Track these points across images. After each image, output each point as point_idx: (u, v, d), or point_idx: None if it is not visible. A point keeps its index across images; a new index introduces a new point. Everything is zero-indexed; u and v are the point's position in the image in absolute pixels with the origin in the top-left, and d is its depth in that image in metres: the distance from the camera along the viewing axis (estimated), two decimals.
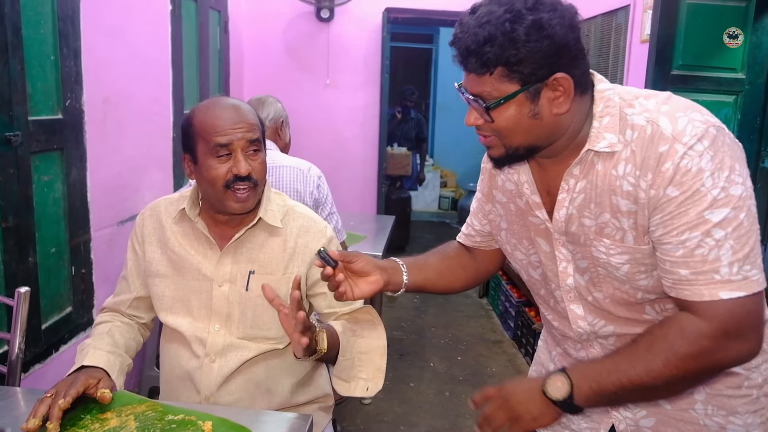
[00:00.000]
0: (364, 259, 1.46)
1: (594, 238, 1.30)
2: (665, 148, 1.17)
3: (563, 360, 1.59)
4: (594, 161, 1.27)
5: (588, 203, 1.29)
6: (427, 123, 9.24)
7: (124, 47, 3.01)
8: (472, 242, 1.69)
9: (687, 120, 1.18)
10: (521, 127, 1.23)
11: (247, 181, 1.62)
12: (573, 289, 1.41)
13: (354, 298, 1.44)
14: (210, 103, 1.66)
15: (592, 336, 1.43)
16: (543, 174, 1.38)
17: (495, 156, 1.33)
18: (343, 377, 1.67)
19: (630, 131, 1.22)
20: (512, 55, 1.15)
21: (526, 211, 1.44)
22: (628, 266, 1.28)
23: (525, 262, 1.52)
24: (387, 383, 3.89)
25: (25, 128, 2.24)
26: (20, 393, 1.60)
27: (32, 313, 2.33)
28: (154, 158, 3.45)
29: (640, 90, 1.30)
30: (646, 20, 3.70)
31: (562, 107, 1.21)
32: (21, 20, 2.18)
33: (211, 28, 4.31)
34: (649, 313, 1.35)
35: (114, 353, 1.62)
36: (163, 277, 1.75)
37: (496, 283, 5.35)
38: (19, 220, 2.24)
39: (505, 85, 1.19)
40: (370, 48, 5.57)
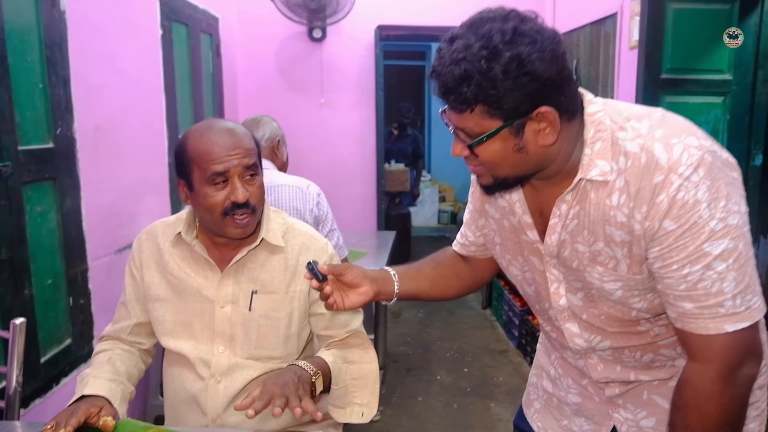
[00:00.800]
0: (354, 272, 1.45)
1: (588, 264, 1.29)
2: (660, 179, 1.13)
3: (562, 364, 1.60)
4: (587, 189, 1.23)
5: (581, 230, 1.27)
6: (423, 139, 9.25)
7: (115, 73, 2.99)
8: (467, 251, 1.68)
9: (682, 147, 1.14)
10: (507, 161, 1.20)
11: (246, 207, 1.59)
12: (566, 309, 1.41)
13: (344, 308, 1.44)
14: (204, 128, 1.62)
15: (589, 350, 1.44)
16: (536, 194, 1.35)
17: (484, 184, 1.30)
18: (338, 404, 1.68)
19: (623, 158, 1.18)
20: (491, 94, 1.10)
21: (518, 229, 1.42)
22: (621, 291, 1.28)
23: (520, 278, 1.51)
24: (395, 398, 3.96)
25: (15, 158, 2.21)
26: (20, 427, 1.58)
27: (30, 346, 2.29)
28: (149, 185, 3.42)
29: (631, 109, 1.26)
30: (633, 27, 3.75)
31: (549, 139, 1.17)
32: (7, 48, 2.16)
33: (203, 51, 4.30)
34: (644, 325, 1.35)
35: (115, 381, 1.60)
36: (164, 301, 1.72)
37: (498, 293, 5.37)
38: (12, 252, 2.20)
39: (487, 122, 1.15)
40: (364, 66, 5.57)
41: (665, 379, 1.42)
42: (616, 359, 1.42)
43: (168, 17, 3.62)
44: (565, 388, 1.59)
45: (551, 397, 1.65)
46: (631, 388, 1.46)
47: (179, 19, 3.82)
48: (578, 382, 1.55)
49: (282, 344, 1.71)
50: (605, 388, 1.48)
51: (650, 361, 1.40)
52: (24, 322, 1.79)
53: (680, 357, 1.38)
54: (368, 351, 1.77)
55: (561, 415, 1.62)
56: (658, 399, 1.44)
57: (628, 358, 1.41)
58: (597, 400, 1.52)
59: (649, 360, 1.40)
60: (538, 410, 1.70)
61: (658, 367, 1.41)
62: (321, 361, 1.62)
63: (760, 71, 3.57)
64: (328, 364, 1.62)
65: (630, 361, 1.41)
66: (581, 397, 1.56)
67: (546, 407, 1.67)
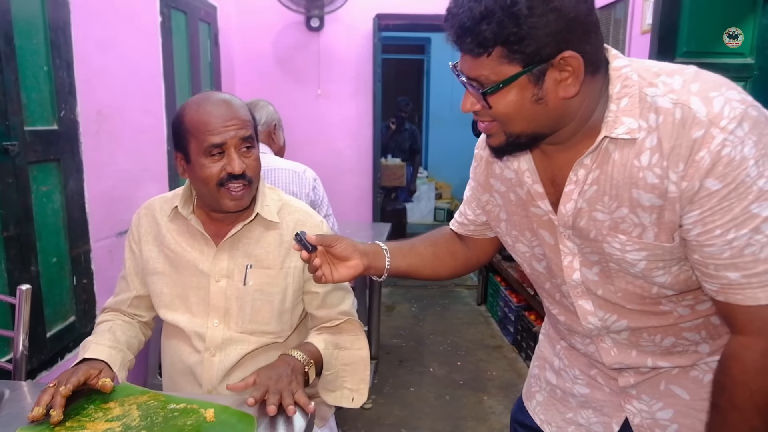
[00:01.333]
0: (344, 243, 1.40)
1: (607, 233, 1.18)
2: (700, 134, 1.03)
3: (568, 354, 1.52)
4: (610, 149, 1.13)
5: (601, 196, 1.16)
6: (421, 135, 9.25)
7: (116, 59, 3.02)
8: (465, 231, 1.61)
9: (723, 100, 1.03)
10: (523, 114, 1.10)
11: (242, 179, 1.61)
12: (580, 284, 1.31)
13: (333, 281, 1.40)
14: (200, 99, 1.64)
15: (603, 331, 1.34)
16: (547, 162, 1.25)
17: (494, 145, 1.19)
18: (329, 388, 1.72)
19: (654, 116, 1.08)
20: (512, 33, 1.00)
21: (527, 201, 1.32)
22: (645, 262, 1.17)
23: (528, 255, 1.41)
24: (387, 388, 4.00)
25: (22, 138, 2.24)
26: (25, 386, 1.62)
27: (37, 321, 2.35)
28: (149, 171, 3.46)
29: (661, 65, 1.15)
30: (647, 10, 3.55)
31: (570, 90, 1.07)
32: (13, 30, 2.19)
33: (201, 40, 4.32)
34: (666, 305, 1.25)
35: (115, 348, 1.63)
36: (161, 274, 1.75)
37: (494, 290, 5.36)
38: (20, 229, 2.24)
39: (505, 67, 1.05)
40: (362, 56, 5.57)
41: (686, 367, 1.32)
42: (632, 343, 1.32)
43: (167, 4, 3.64)
44: (572, 379, 1.51)
45: (555, 389, 1.57)
46: (648, 378, 1.36)
47: (178, 7, 3.84)
48: (586, 373, 1.47)
49: (276, 319, 1.74)
50: (618, 378, 1.39)
51: (671, 346, 1.30)
52: (29, 289, 1.85)
53: (704, 342, 1.29)
54: (359, 337, 1.79)
55: (565, 407, 1.55)
56: (677, 389, 1.34)
57: (647, 341, 1.31)
58: (607, 391, 1.44)
59: (670, 344, 1.30)
60: (540, 403, 1.62)
61: (679, 353, 1.31)
62: (313, 348, 1.65)
63: None
64: (320, 350, 1.65)
65: (648, 345, 1.31)
66: (589, 388, 1.47)
67: (549, 399, 1.60)
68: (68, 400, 1.39)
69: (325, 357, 1.65)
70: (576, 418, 1.52)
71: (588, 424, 1.49)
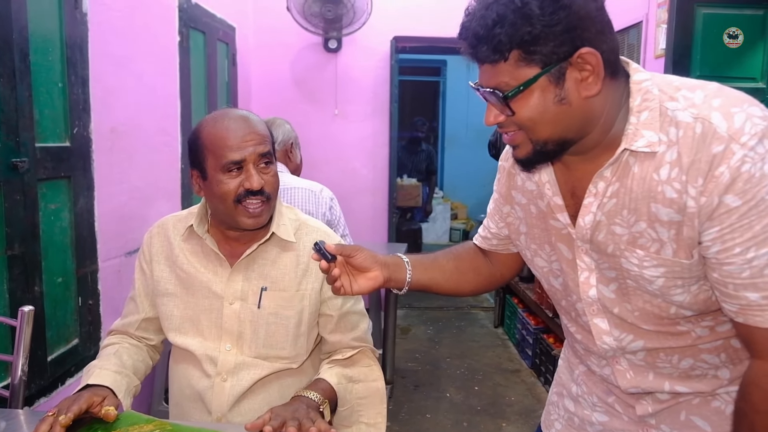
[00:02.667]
0: (364, 254, 1.36)
1: (625, 248, 1.17)
2: (720, 149, 1.01)
3: (587, 380, 1.47)
4: (630, 162, 1.12)
5: (620, 210, 1.15)
6: (437, 155, 9.24)
7: (132, 77, 3.01)
8: (489, 245, 1.57)
9: (745, 116, 1.02)
10: (548, 117, 1.09)
11: (260, 195, 1.57)
12: (596, 302, 1.28)
13: (352, 293, 1.36)
14: (218, 115, 1.61)
15: (618, 352, 1.30)
16: (567, 174, 1.24)
17: (521, 156, 1.17)
18: (345, 424, 1.65)
19: (674, 129, 1.07)
20: (527, 32, 1.01)
21: (547, 214, 1.31)
22: (663, 279, 1.15)
23: (546, 270, 1.39)
24: (403, 414, 3.91)
25: (32, 155, 2.21)
26: (23, 414, 1.55)
27: (38, 344, 2.29)
28: (162, 190, 3.43)
29: (683, 80, 1.14)
30: (660, 35, 3.62)
31: (592, 88, 1.06)
32: (29, 46, 2.17)
33: (219, 60, 4.32)
34: (684, 325, 1.22)
35: (121, 373, 1.57)
36: (172, 296, 1.69)
37: (511, 312, 5.28)
38: (25, 247, 2.20)
39: (524, 70, 1.05)
40: (379, 78, 5.57)
41: (707, 395, 1.29)
42: (649, 364, 1.29)
43: (186, 24, 3.64)
44: (590, 406, 1.47)
45: (572, 416, 1.53)
46: (667, 407, 1.32)
47: (197, 27, 3.84)
48: (604, 400, 1.43)
49: (291, 344, 1.68)
50: (636, 405, 1.35)
51: (689, 368, 1.27)
52: (32, 311, 1.78)
53: (724, 366, 1.26)
54: (373, 368, 1.72)
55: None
56: (698, 421, 1.29)
57: (663, 362, 1.27)
58: (626, 420, 1.40)
59: (688, 366, 1.26)
60: (559, 431, 1.58)
61: (698, 377, 1.27)
62: (325, 385, 1.58)
63: None
64: (333, 386, 1.58)
65: (665, 366, 1.28)
66: (608, 416, 1.43)
67: (567, 428, 1.55)
68: (69, 429, 1.32)
69: (339, 392, 1.59)
70: None
71: None
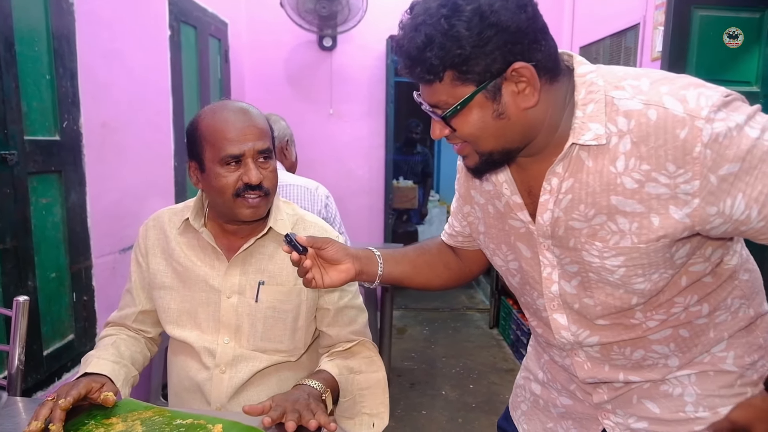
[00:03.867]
0: (335, 246, 1.38)
1: (585, 241, 1.19)
2: (685, 132, 1.02)
3: (551, 368, 1.53)
4: (582, 157, 1.14)
5: (576, 204, 1.17)
6: (433, 158, 9.22)
7: (123, 71, 2.96)
8: (455, 242, 1.60)
9: (696, 93, 1.04)
10: (489, 132, 1.11)
11: (258, 190, 1.55)
12: (557, 297, 1.31)
13: (323, 286, 1.36)
14: (217, 107, 1.59)
15: (576, 345, 1.35)
16: (523, 173, 1.26)
17: (471, 165, 1.21)
18: (347, 416, 1.63)
19: (623, 119, 1.08)
20: (457, 54, 1.03)
21: (505, 214, 1.33)
22: (624, 269, 1.18)
23: (504, 269, 1.44)
24: (399, 411, 3.89)
25: (21, 147, 2.17)
26: (20, 401, 1.54)
27: (33, 338, 2.27)
28: (155, 186, 3.38)
29: (626, 69, 1.17)
30: (656, 38, 3.65)
31: (530, 100, 1.08)
32: (14, 36, 2.13)
33: (211, 56, 4.28)
34: (638, 318, 1.27)
35: (119, 363, 1.55)
36: (169, 289, 1.68)
37: (506, 313, 5.29)
38: (17, 242, 2.16)
39: (459, 89, 1.07)
40: (374, 77, 5.52)
41: (656, 382, 1.35)
42: (604, 357, 1.34)
43: (177, 18, 3.60)
44: (556, 390, 1.53)
45: (538, 399, 1.59)
46: (621, 394, 1.38)
47: (188, 21, 3.80)
48: (567, 387, 1.49)
49: (289, 337, 1.67)
50: (593, 394, 1.41)
51: (641, 359, 1.32)
52: (27, 300, 1.77)
53: (673, 355, 1.31)
54: (374, 359, 1.71)
55: (547, 417, 1.57)
56: (648, 403, 1.36)
57: (617, 355, 1.33)
58: (587, 405, 1.46)
59: (640, 357, 1.32)
60: (524, 412, 1.65)
61: (649, 366, 1.33)
62: (327, 375, 1.57)
63: None
64: (334, 376, 1.57)
65: (619, 358, 1.33)
66: (571, 400, 1.49)
67: (532, 409, 1.62)
68: (68, 415, 1.32)
69: (341, 383, 1.57)
70: (556, 429, 1.54)
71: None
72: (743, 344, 1.32)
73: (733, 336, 1.31)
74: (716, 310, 1.29)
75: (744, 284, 1.31)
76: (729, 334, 1.31)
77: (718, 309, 1.29)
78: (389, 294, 3.98)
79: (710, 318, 1.29)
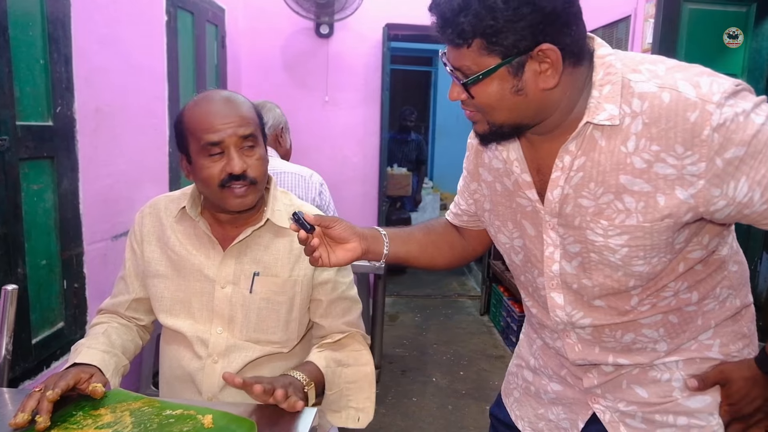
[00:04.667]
0: (342, 225, 1.39)
1: (591, 219, 1.21)
2: (695, 115, 1.06)
3: (543, 354, 1.55)
4: (595, 136, 1.16)
5: (587, 182, 1.19)
6: (427, 145, 9.21)
7: (118, 56, 2.95)
8: (460, 221, 1.63)
9: (710, 80, 1.08)
10: (504, 104, 1.14)
11: (243, 179, 1.53)
12: (557, 276, 1.34)
13: (330, 264, 1.37)
14: (200, 98, 1.58)
15: (569, 326, 1.38)
16: (533, 152, 1.28)
17: (480, 132, 1.24)
18: (333, 408, 1.63)
19: (638, 101, 1.11)
20: (489, 25, 1.05)
21: (513, 192, 1.35)
22: (627, 249, 1.20)
23: (507, 246, 1.45)
24: (390, 398, 3.91)
25: (13, 133, 2.16)
26: (7, 392, 1.52)
27: (22, 326, 2.25)
28: (149, 172, 3.37)
29: (645, 55, 1.20)
30: (647, 30, 3.68)
31: (550, 82, 1.11)
32: (8, 20, 2.11)
33: (207, 42, 4.26)
34: (634, 302, 1.30)
35: (109, 353, 1.54)
36: (163, 277, 1.67)
37: (497, 300, 5.33)
38: (7, 228, 2.15)
39: (485, 59, 1.09)
40: (370, 65, 5.52)
41: (645, 366, 1.37)
42: (595, 339, 1.37)
43: (174, 3, 3.58)
44: (547, 377, 1.56)
45: (529, 385, 1.62)
46: (611, 378, 1.41)
47: (185, 7, 3.78)
48: (558, 373, 1.52)
49: (282, 329, 1.67)
50: (583, 378, 1.44)
51: (631, 342, 1.35)
52: (16, 289, 1.74)
53: (662, 340, 1.34)
54: (363, 353, 1.71)
55: (538, 403, 1.59)
56: (637, 389, 1.39)
57: (608, 337, 1.35)
58: (577, 390, 1.48)
59: (630, 341, 1.35)
60: (516, 399, 1.67)
61: (638, 350, 1.36)
62: (313, 367, 1.57)
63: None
64: (321, 369, 1.57)
65: (609, 341, 1.36)
66: (562, 386, 1.52)
67: (524, 396, 1.64)
68: (56, 406, 1.30)
69: (327, 376, 1.57)
70: (547, 414, 1.57)
71: (557, 420, 1.54)
72: (728, 333, 1.36)
73: (719, 324, 1.35)
74: (705, 299, 1.32)
75: (733, 275, 1.35)
76: (716, 323, 1.35)
77: (707, 297, 1.32)
78: (382, 281, 4.00)
79: (699, 306, 1.32)
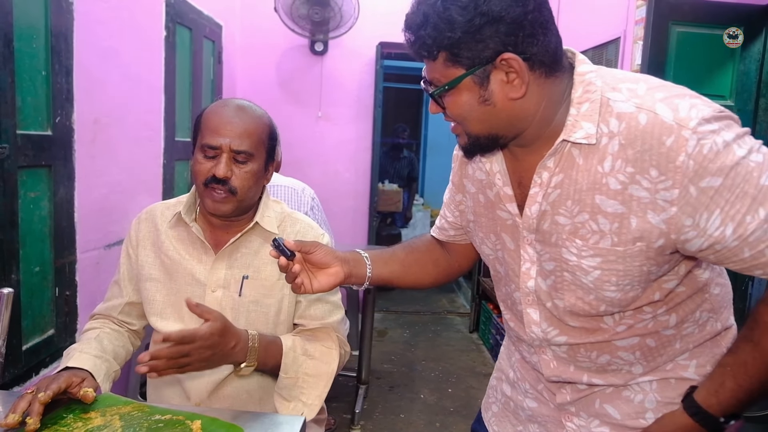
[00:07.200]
0: (323, 250, 1.38)
1: (567, 238, 1.20)
2: (671, 140, 1.03)
3: (521, 367, 1.52)
4: (574, 154, 1.15)
5: (564, 200, 1.18)
6: (419, 162, 9.26)
7: (117, 69, 3.00)
8: (446, 236, 1.61)
9: (689, 104, 1.05)
10: (474, 115, 1.14)
11: (224, 185, 1.58)
12: (532, 293, 1.32)
13: (312, 291, 1.36)
14: (222, 101, 1.68)
15: (544, 343, 1.36)
16: (516, 164, 1.27)
17: (462, 145, 1.24)
18: (284, 395, 1.63)
19: (615, 121, 1.09)
20: (448, 37, 1.06)
21: (495, 204, 1.34)
22: (599, 272, 1.18)
23: (492, 258, 1.43)
24: (377, 414, 3.95)
25: (13, 141, 2.21)
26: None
27: (13, 332, 2.27)
28: (143, 184, 3.42)
29: (627, 73, 1.18)
30: (636, 51, 3.72)
31: (517, 91, 1.10)
32: (13, 32, 2.17)
33: (204, 57, 4.32)
34: (607, 322, 1.27)
35: (101, 358, 1.57)
36: (155, 281, 1.72)
37: (486, 317, 5.33)
38: (3, 235, 2.19)
39: (451, 70, 1.11)
40: (363, 82, 5.59)
41: (619, 387, 1.34)
42: (571, 357, 1.34)
43: (173, 19, 3.64)
44: (523, 392, 1.53)
45: (509, 400, 1.59)
46: (584, 396, 1.38)
47: (183, 23, 3.84)
48: (535, 387, 1.49)
49: (270, 331, 1.70)
50: (557, 394, 1.41)
51: (606, 363, 1.32)
52: (12, 293, 1.74)
53: (638, 363, 1.31)
54: (331, 351, 1.71)
55: (516, 420, 1.56)
56: (609, 408, 1.36)
57: (583, 357, 1.33)
58: (551, 407, 1.45)
59: (605, 362, 1.32)
60: (495, 414, 1.64)
61: (613, 371, 1.33)
62: (277, 343, 1.60)
63: (762, 99, 3.48)
64: (283, 349, 1.59)
65: (584, 361, 1.33)
66: (537, 402, 1.49)
67: (503, 411, 1.61)
68: (46, 409, 1.32)
69: (287, 359, 1.59)
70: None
71: None
72: (707, 354, 1.32)
73: (698, 346, 1.32)
74: (684, 322, 1.29)
75: (714, 298, 1.31)
76: (694, 345, 1.32)
77: (686, 321, 1.29)
78: (371, 296, 3.99)
79: (677, 329, 1.29)
